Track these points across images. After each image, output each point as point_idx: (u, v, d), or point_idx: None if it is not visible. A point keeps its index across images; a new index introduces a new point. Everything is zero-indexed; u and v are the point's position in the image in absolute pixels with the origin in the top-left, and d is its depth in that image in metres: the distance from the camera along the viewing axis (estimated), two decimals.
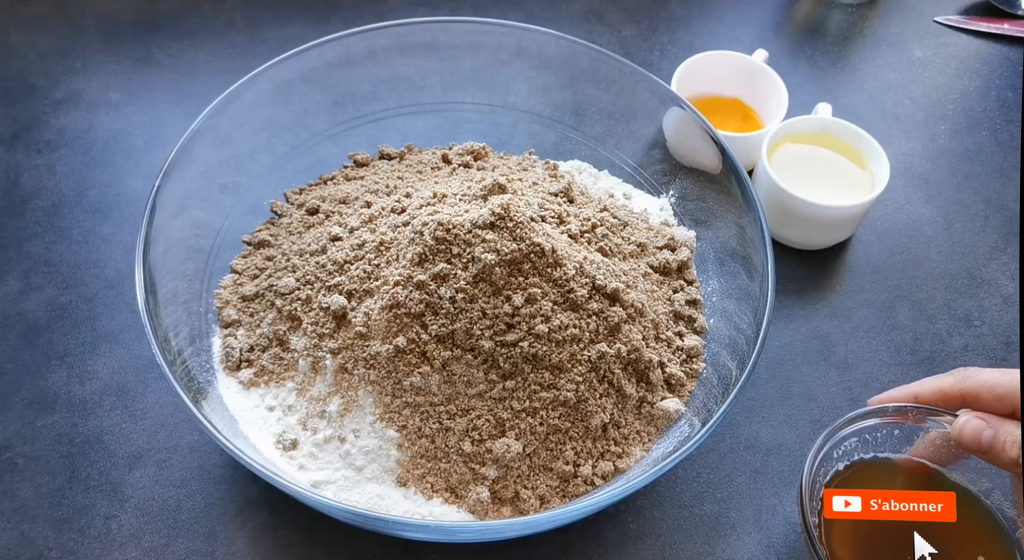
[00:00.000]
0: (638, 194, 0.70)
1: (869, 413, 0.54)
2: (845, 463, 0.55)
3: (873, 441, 0.55)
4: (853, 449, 0.55)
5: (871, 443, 0.55)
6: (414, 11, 0.89)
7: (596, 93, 0.71)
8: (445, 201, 0.57)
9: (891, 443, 0.55)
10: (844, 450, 0.55)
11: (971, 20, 0.94)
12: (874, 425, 0.55)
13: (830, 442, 0.53)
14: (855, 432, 0.54)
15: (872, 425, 0.54)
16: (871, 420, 0.54)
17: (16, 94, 0.80)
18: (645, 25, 0.91)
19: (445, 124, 0.73)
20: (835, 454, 0.54)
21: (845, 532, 0.52)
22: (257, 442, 0.55)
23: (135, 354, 0.64)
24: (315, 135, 0.70)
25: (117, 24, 0.86)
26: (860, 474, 0.55)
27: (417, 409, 0.53)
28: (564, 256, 0.55)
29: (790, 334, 0.68)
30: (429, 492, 0.53)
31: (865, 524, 0.52)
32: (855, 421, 0.54)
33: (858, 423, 0.54)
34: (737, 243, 0.62)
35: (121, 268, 0.69)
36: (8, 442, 0.60)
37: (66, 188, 0.74)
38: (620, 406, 0.56)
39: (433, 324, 0.53)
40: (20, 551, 0.56)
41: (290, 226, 0.65)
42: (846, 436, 0.54)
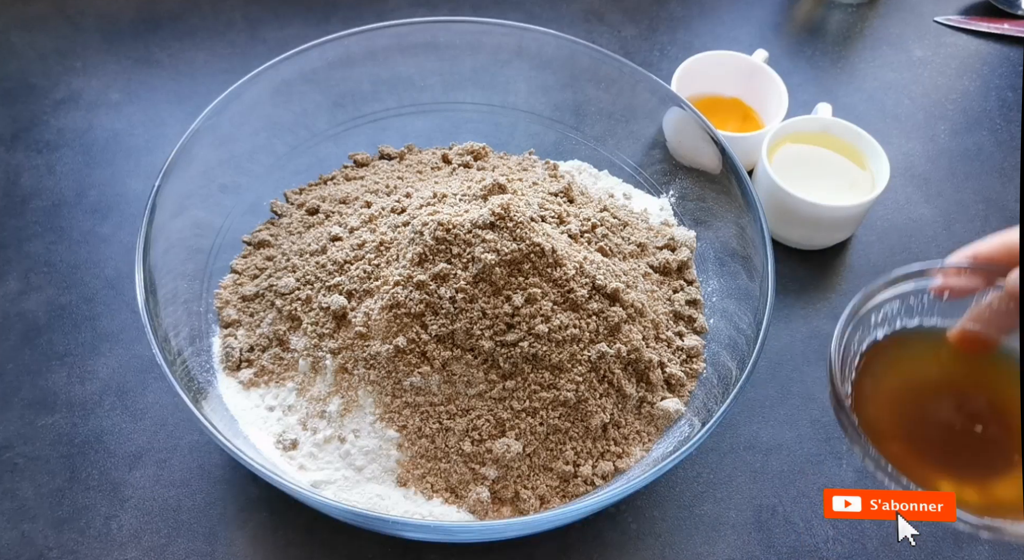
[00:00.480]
0: (638, 194, 0.70)
1: (915, 273, 0.45)
2: (885, 331, 0.47)
3: (919, 306, 0.46)
4: (895, 314, 0.47)
5: (916, 309, 0.47)
6: (414, 11, 0.89)
7: (596, 93, 0.71)
8: (445, 201, 0.57)
9: (940, 309, 0.47)
10: (884, 315, 0.47)
11: (971, 20, 0.94)
12: (921, 288, 0.46)
13: (868, 304, 0.45)
14: (899, 295, 0.46)
15: (918, 288, 0.46)
16: (918, 282, 0.46)
17: (16, 94, 0.80)
18: (645, 25, 0.91)
19: (445, 124, 0.73)
20: (873, 319, 0.46)
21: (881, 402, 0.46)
22: (257, 442, 0.55)
23: (135, 354, 0.64)
24: (315, 135, 0.70)
25: (117, 24, 0.86)
26: (900, 347, 0.47)
27: (417, 409, 0.53)
28: (564, 256, 0.55)
29: (790, 334, 0.68)
30: (429, 492, 0.53)
31: (903, 394, 0.46)
32: (899, 282, 0.45)
33: (902, 284, 0.46)
34: (737, 243, 0.62)
35: (121, 268, 0.69)
36: (8, 442, 0.60)
37: (66, 188, 0.74)
38: (620, 406, 0.56)
39: (433, 324, 0.53)
40: (20, 551, 0.56)
41: (290, 226, 0.65)
42: (887, 299, 0.46)
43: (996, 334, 0.46)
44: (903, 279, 0.46)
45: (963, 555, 0.58)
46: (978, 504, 0.44)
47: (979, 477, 0.45)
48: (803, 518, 0.59)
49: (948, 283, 0.46)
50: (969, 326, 0.46)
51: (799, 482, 0.61)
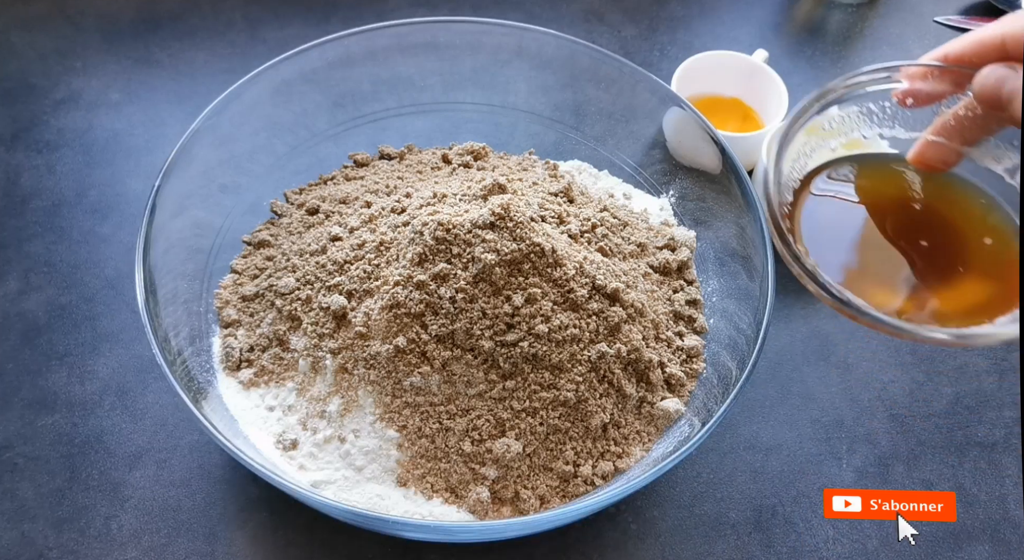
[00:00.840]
0: (638, 194, 0.70)
1: (877, 73, 0.40)
2: (841, 141, 0.43)
3: (880, 115, 0.43)
4: (852, 123, 0.43)
5: (878, 117, 0.43)
6: (414, 11, 0.89)
7: (596, 93, 0.71)
8: (445, 201, 0.57)
9: (903, 120, 0.43)
10: (841, 121, 0.43)
11: (971, 20, 0.94)
12: (882, 92, 0.41)
13: (820, 104, 0.40)
14: (856, 98, 0.41)
15: (880, 92, 0.41)
16: (879, 84, 0.41)
17: (16, 94, 0.80)
18: (645, 25, 0.91)
19: (445, 124, 0.73)
20: (827, 125, 0.42)
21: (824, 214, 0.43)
22: (257, 442, 0.55)
23: (135, 354, 0.64)
24: (315, 135, 0.70)
25: (117, 24, 0.86)
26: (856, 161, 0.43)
27: (417, 409, 0.53)
28: (564, 256, 0.55)
29: (790, 334, 0.68)
30: (429, 492, 0.53)
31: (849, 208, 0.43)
32: (860, 85, 0.40)
33: (862, 87, 0.40)
34: (737, 243, 0.62)
35: (121, 268, 0.69)
36: (8, 442, 0.60)
37: (66, 188, 0.74)
38: (620, 406, 0.56)
39: (433, 324, 0.53)
40: (20, 551, 0.56)
41: (290, 226, 0.65)
42: (844, 100, 0.41)
43: (959, 147, 0.43)
44: (863, 79, 0.42)
45: (963, 555, 0.58)
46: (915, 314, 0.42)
47: (922, 289, 0.42)
48: (803, 518, 0.59)
49: (913, 88, 0.41)
50: (931, 139, 0.43)
51: (799, 482, 0.61)
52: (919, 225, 0.42)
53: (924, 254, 0.42)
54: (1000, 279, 0.41)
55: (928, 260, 0.42)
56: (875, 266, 0.43)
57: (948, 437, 0.64)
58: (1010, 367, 0.67)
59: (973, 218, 0.43)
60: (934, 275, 0.42)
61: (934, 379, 0.66)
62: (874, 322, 0.39)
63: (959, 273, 0.42)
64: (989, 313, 0.40)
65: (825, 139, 0.43)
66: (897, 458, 0.62)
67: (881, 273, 0.42)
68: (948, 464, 0.62)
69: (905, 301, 0.42)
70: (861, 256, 0.43)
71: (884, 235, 0.42)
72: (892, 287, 0.42)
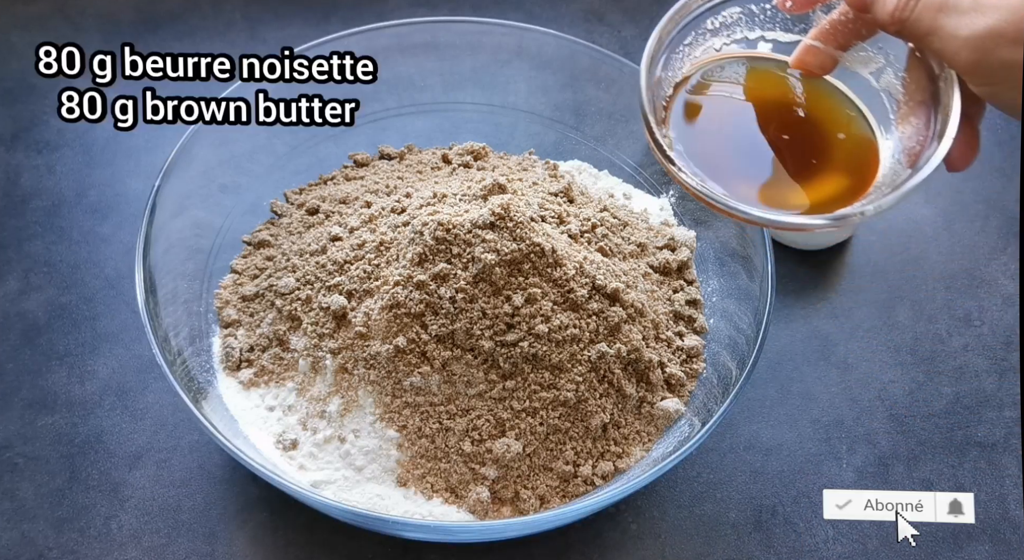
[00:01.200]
0: (638, 194, 0.70)
1: None
2: (724, 41, 0.45)
3: (762, 16, 0.45)
4: (734, 22, 0.45)
5: (759, 19, 0.45)
6: (414, 11, 0.89)
7: (596, 93, 0.71)
8: (445, 201, 0.57)
9: (783, 23, 0.46)
10: (723, 21, 0.45)
11: None
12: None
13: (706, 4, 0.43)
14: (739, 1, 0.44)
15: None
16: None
17: (16, 94, 0.80)
18: (645, 25, 0.91)
19: (445, 124, 0.73)
20: (711, 23, 0.45)
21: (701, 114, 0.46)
22: (257, 442, 0.55)
23: (135, 354, 0.64)
24: (315, 135, 0.70)
25: (117, 24, 0.86)
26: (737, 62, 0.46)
27: (417, 409, 0.53)
28: (564, 256, 0.55)
29: (790, 334, 0.68)
30: (429, 492, 0.53)
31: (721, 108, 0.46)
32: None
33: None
34: (737, 243, 0.62)
35: (121, 268, 0.69)
36: (8, 442, 0.60)
37: (66, 188, 0.73)
38: (620, 406, 0.56)
39: (433, 324, 0.53)
40: (20, 551, 0.56)
41: (290, 226, 0.65)
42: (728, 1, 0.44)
43: (835, 52, 0.46)
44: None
45: (963, 555, 0.58)
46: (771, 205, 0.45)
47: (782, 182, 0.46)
48: (803, 518, 0.59)
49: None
50: (810, 43, 0.45)
51: (799, 482, 0.61)
52: (786, 123, 0.46)
53: (786, 148, 0.46)
54: (852, 173, 0.45)
55: (789, 154, 0.46)
56: (738, 159, 0.46)
57: (948, 437, 0.64)
58: (1010, 367, 0.67)
59: (838, 121, 0.46)
60: (793, 169, 0.46)
61: (934, 379, 0.66)
62: (730, 210, 0.42)
63: (815, 166, 0.46)
64: (839, 205, 0.44)
65: (708, 38, 0.46)
66: (897, 458, 0.62)
67: (743, 166, 0.46)
68: (948, 464, 0.62)
69: (763, 191, 0.46)
70: (726, 148, 0.47)
71: (750, 131, 0.46)
72: (753, 179, 0.46)
